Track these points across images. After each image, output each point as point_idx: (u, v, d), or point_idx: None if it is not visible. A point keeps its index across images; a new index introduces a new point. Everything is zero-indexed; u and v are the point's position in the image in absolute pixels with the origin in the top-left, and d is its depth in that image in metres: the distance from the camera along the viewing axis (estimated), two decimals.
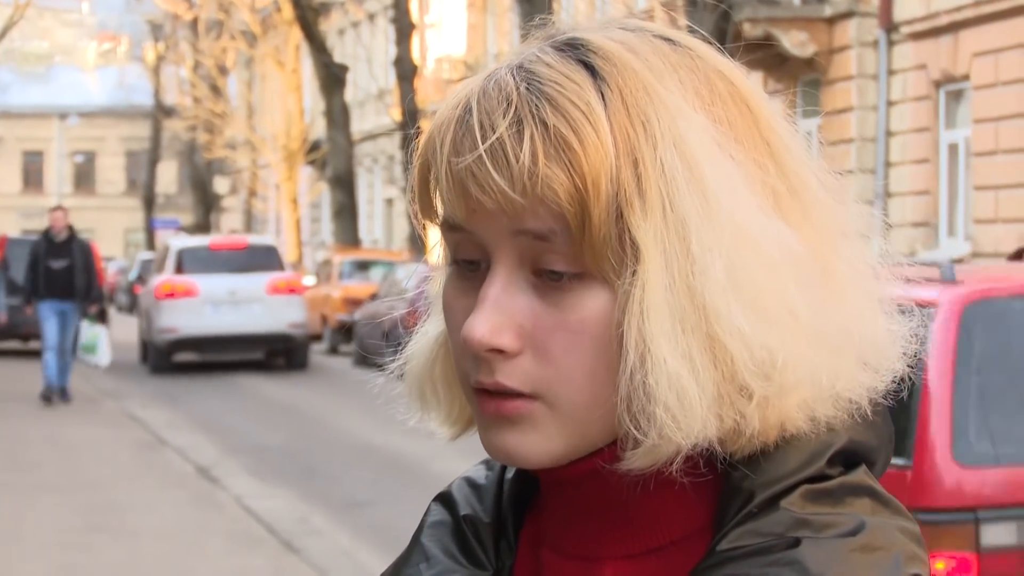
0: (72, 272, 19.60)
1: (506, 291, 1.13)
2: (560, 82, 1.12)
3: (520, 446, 1.14)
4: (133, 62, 70.55)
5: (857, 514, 1.13)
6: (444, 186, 1.14)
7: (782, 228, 1.13)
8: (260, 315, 25.64)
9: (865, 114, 23.18)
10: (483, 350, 1.12)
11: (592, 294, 1.12)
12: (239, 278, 25.88)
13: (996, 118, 20.67)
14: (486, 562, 1.23)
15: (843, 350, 1.14)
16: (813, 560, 1.09)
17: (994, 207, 20.70)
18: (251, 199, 55.78)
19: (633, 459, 1.12)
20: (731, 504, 1.13)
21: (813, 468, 1.14)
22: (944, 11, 21.44)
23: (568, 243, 1.11)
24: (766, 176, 1.15)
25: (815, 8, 23.66)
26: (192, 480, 13.46)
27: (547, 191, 1.10)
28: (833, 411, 1.14)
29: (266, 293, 25.78)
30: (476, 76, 1.17)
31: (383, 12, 44.04)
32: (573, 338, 1.12)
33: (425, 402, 1.25)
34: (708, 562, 1.11)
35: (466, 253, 1.16)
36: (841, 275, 1.15)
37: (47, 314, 19.66)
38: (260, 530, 11.09)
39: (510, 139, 1.10)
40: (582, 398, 1.13)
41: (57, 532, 10.98)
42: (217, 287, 25.62)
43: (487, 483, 1.27)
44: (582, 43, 1.15)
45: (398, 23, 31.88)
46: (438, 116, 1.16)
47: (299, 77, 47.19)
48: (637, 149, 1.11)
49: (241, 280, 25.85)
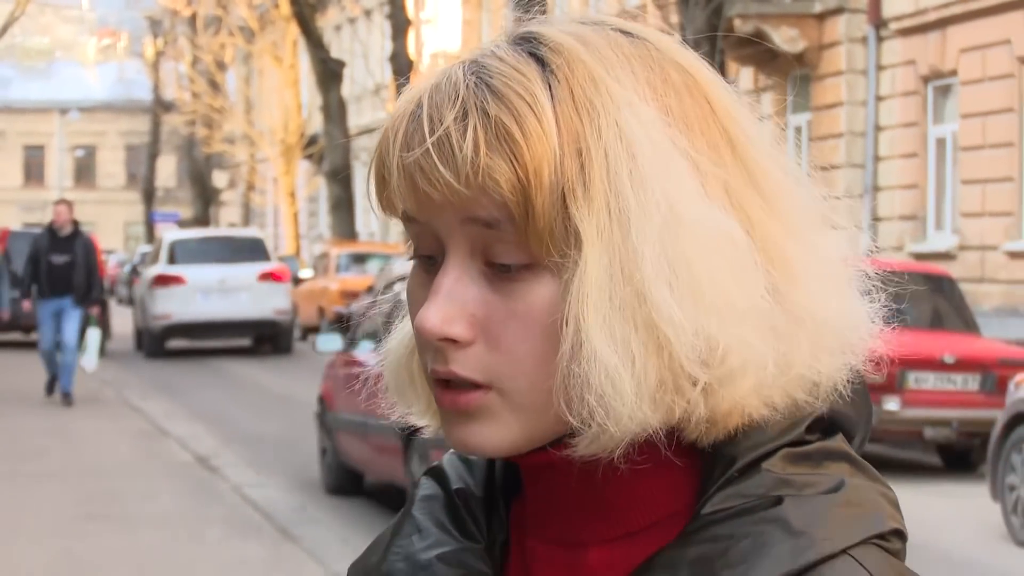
0: (73, 268, 18.72)
1: (459, 282, 1.13)
2: (507, 74, 1.12)
3: (476, 436, 1.14)
4: (133, 58, 70.46)
5: (837, 474, 1.13)
6: (396, 180, 1.14)
7: (722, 217, 1.12)
8: (247, 302, 27.15)
9: (854, 109, 23.18)
10: (436, 339, 1.12)
11: (540, 283, 1.12)
12: (228, 268, 27.36)
13: (983, 113, 20.68)
14: (478, 535, 1.23)
15: (795, 335, 1.13)
16: (796, 517, 1.09)
17: (981, 200, 20.71)
18: (249, 193, 55.75)
19: (579, 447, 1.12)
20: (713, 470, 1.13)
21: (793, 434, 1.14)
22: (932, 7, 21.45)
23: (515, 232, 1.11)
24: (719, 166, 1.14)
25: (805, 4, 23.66)
26: (191, 469, 13.46)
27: (489, 181, 1.10)
28: (801, 395, 1.14)
29: (253, 281, 27.08)
30: (433, 72, 1.17)
31: (379, 8, 44.01)
32: (523, 327, 1.12)
33: (404, 395, 1.25)
34: (693, 525, 1.12)
35: (425, 248, 1.16)
36: (799, 262, 1.14)
37: (44, 317, 18.95)
38: (258, 518, 11.10)
39: (456, 131, 1.10)
40: (534, 386, 1.12)
41: (58, 519, 10.99)
42: (207, 276, 27.06)
43: (477, 458, 1.27)
44: (535, 36, 1.15)
45: (394, 19, 31.85)
46: (393, 112, 1.16)
47: (296, 72, 47.16)
48: (582, 139, 1.11)
49: (230, 270, 27.30)
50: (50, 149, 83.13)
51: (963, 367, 13.70)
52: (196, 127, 51.51)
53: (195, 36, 51.47)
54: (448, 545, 1.22)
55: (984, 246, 20.59)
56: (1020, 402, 11.22)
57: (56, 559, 9.70)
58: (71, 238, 18.93)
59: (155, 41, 59.30)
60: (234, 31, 49.79)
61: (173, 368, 25.11)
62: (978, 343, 14.40)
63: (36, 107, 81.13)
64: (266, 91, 52.49)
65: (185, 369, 24.77)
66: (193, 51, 51.76)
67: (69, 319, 18.73)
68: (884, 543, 1.12)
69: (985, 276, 20.40)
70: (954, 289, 14.94)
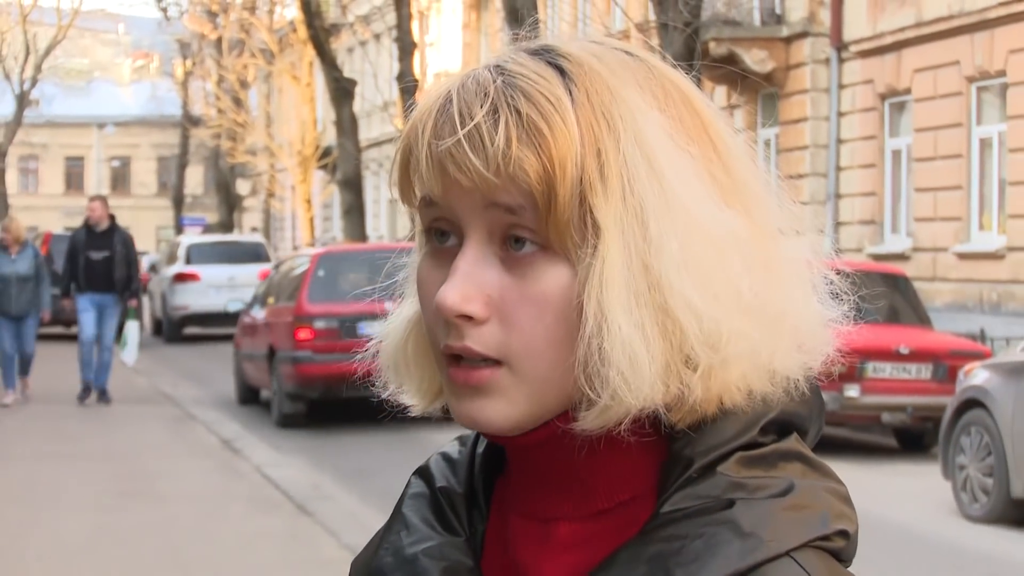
0: (112, 263, 17.19)
1: (477, 264, 1.13)
2: (533, 78, 1.12)
3: (485, 412, 1.14)
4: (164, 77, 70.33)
5: (788, 477, 1.12)
6: (424, 166, 1.13)
7: (731, 216, 1.13)
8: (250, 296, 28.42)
9: (818, 124, 23.17)
10: (453, 315, 1.12)
11: (554, 268, 1.12)
12: (235, 268, 29.89)
13: (934, 127, 20.68)
14: (460, 529, 1.23)
15: (780, 330, 1.13)
16: (746, 519, 1.09)
17: (932, 207, 20.71)
18: (269, 199, 55.66)
19: (586, 420, 1.11)
20: (672, 470, 1.13)
21: (747, 436, 1.13)
22: (888, 32, 21.45)
23: (534, 219, 1.11)
24: (714, 171, 1.14)
25: (773, 29, 23.66)
26: (217, 451, 13.46)
27: (518, 171, 1.10)
28: (769, 387, 1.14)
29: (255, 279, 27.64)
30: (456, 74, 1.17)
31: (388, 32, 43.96)
32: (535, 308, 1.12)
33: (398, 376, 1.25)
34: (653, 524, 1.11)
35: (440, 226, 1.15)
36: (778, 263, 1.15)
37: (85, 306, 17.35)
38: (278, 495, 11.08)
39: (486, 125, 1.11)
40: (542, 364, 1.12)
41: (97, 496, 10.98)
42: (218, 274, 29.53)
43: (460, 457, 1.27)
44: (552, 49, 1.16)
45: (401, 42, 31.80)
46: (420, 107, 1.16)
47: (312, 90, 47.09)
48: (600, 141, 1.11)
49: (237, 269, 29.66)
50: (89, 160, 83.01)
51: (917, 358, 13.70)
52: (221, 140, 51.41)
53: (221, 57, 51.36)
54: (432, 540, 1.22)
55: (936, 248, 20.59)
56: (968, 389, 11.22)
57: (95, 532, 9.69)
58: (109, 233, 17.50)
59: (184, 62, 59.16)
60: (256, 53, 49.71)
61: (200, 359, 25.13)
62: (931, 336, 14.40)
63: (76, 122, 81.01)
64: (285, 107, 52.43)
65: (211, 359, 24.76)
66: (219, 71, 51.65)
67: (108, 317, 17.49)
68: (827, 543, 1.11)
69: (937, 275, 20.40)
70: (909, 287, 14.95)
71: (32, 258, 17.44)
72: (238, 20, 50.01)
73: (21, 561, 8.72)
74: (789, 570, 1.08)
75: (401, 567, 1.21)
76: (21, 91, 65.63)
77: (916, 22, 20.80)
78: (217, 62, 51.98)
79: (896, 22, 21.25)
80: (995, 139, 19.77)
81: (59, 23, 59.02)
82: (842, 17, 22.74)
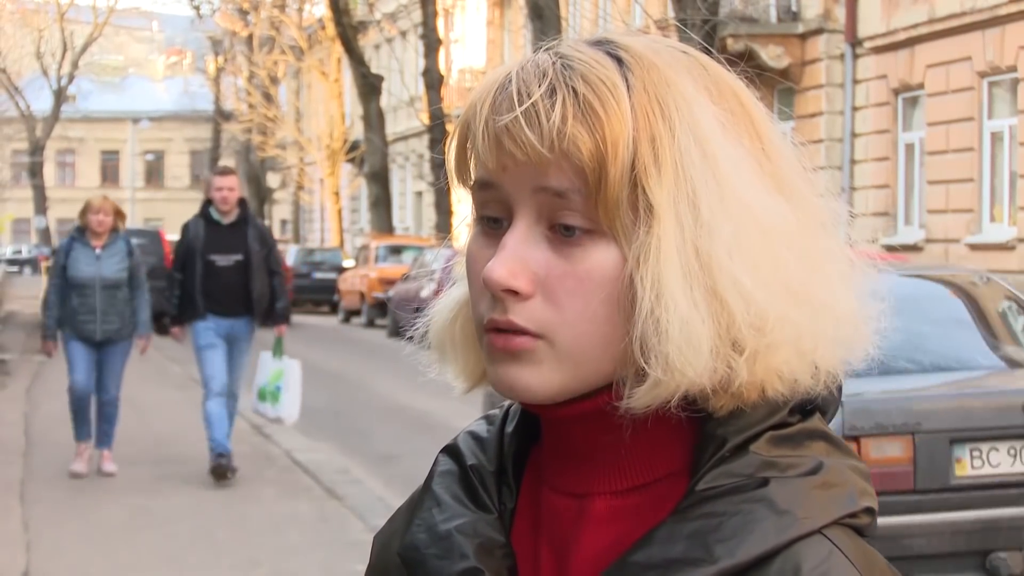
0: (248, 273, 10.78)
1: (524, 242, 1.13)
2: (590, 63, 1.13)
3: (523, 379, 1.14)
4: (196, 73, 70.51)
5: (815, 455, 1.13)
6: (480, 141, 1.14)
7: (781, 204, 1.13)
8: None
9: (833, 118, 23.12)
10: (499, 289, 1.12)
11: (600, 249, 1.12)
12: None
13: (947, 121, 20.61)
14: (491, 506, 1.22)
15: (824, 321, 1.13)
16: (781, 497, 1.10)
17: (945, 199, 20.65)
18: (299, 192, 55.78)
19: (636, 396, 1.11)
20: (706, 449, 1.13)
21: (777, 417, 1.14)
22: (902, 28, 21.38)
23: (583, 201, 1.11)
24: (763, 163, 1.15)
25: (789, 26, 23.60)
26: (248, 436, 13.48)
27: (572, 148, 1.10)
28: (810, 380, 1.14)
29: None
30: (516, 60, 1.18)
31: (414, 29, 43.97)
32: (579, 287, 1.12)
33: (444, 356, 1.25)
34: (688, 501, 1.11)
35: (491, 211, 1.16)
36: (822, 258, 1.15)
37: (208, 338, 10.91)
38: (307, 479, 11.10)
39: (543, 103, 1.11)
40: (582, 341, 1.12)
41: (135, 479, 11.01)
42: None
43: (489, 436, 1.27)
44: (611, 40, 1.16)
45: (426, 39, 31.82)
46: (480, 88, 1.17)
47: (340, 86, 47.16)
48: (655, 127, 1.11)
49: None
50: (124, 154, 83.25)
51: None
52: (252, 134, 51.52)
53: (251, 54, 51.45)
54: (464, 517, 1.21)
55: (948, 239, 20.53)
56: None
57: (134, 513, 9.72)
58: (240, 226, 10.99)
59: (216, 59, 59.29)
60: (286, 50, 49.78)
61: None
62: None
63: (112, 117, 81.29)
64: (313, 102, 52.51)
65: None
66: (250, 67, 51.75)
67: (240, 352, 11.08)
68: (855, 520, 1.13)
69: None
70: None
71: (125, 256, 11.07)
72: (268, 18, 50.08)
73: (57, 545, 8.76)
74: (821, 546, 1.09)
75: (435, 543, 1.21)
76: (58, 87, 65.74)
77: (929, 18, 20.72)
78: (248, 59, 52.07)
79: (909, 19, 21.17)
80: (1006, 133, 19.71)
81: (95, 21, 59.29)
82: (856, 14, 22.68)
